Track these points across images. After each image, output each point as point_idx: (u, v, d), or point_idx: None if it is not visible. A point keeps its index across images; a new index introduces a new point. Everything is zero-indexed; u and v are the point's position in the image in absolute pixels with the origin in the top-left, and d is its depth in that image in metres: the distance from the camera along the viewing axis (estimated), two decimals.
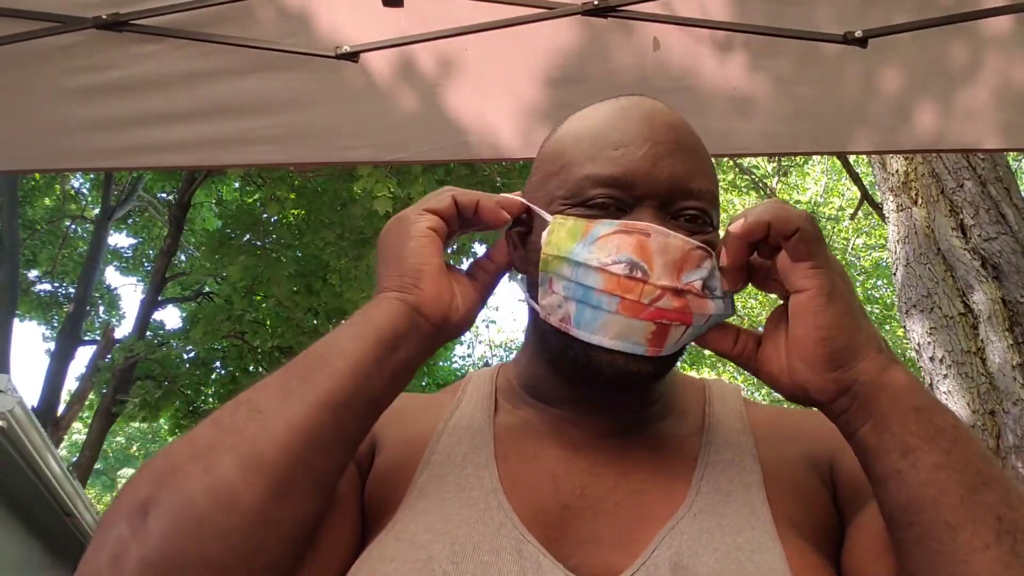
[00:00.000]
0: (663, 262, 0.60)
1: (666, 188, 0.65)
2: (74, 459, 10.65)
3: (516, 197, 0.70)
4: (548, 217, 0.66)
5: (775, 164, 10.99)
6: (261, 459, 0.52)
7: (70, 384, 10.87)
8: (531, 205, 0.69)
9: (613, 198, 0.65)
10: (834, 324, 0.56)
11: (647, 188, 0.64)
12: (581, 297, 0.62)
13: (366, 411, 0.59)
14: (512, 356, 0.81)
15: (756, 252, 0.62)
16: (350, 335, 0.60)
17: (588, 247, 0.62)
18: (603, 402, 0.69)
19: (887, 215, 3.88)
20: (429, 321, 0.62)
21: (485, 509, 0.61)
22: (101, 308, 13.66)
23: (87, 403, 10.42)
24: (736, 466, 0.67)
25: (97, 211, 11.50)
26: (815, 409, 0.62)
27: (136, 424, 11.91)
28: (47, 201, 12.38)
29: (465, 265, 0.71)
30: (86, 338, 10.75)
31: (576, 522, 0.62)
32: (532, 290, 0.68)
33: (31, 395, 10.09)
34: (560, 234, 0.64)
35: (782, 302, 0.62)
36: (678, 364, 0.72)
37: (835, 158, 8.94)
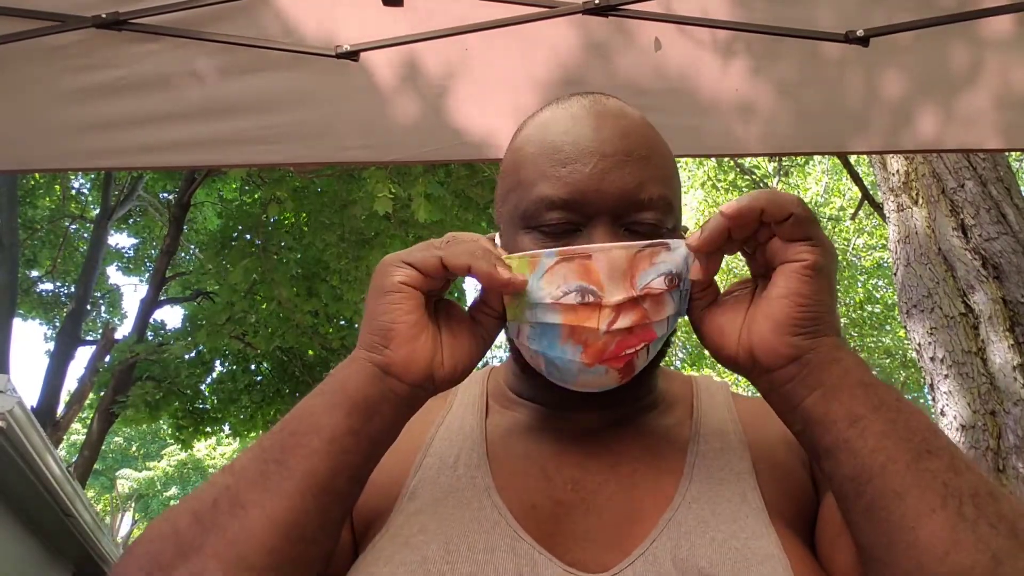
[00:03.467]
0: (612, 278, 0.60)
1: (616, 203, 0.64)
2: (73, 459, 10.64)
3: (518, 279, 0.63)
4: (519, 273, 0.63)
5: (776, 164, 10.99)
6: (246, 562, 0.52)
7: (70, 384, 10.86)
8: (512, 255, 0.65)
9: (567, 221, 0.65)
10: (815, 295, 0.57)
11: (598, 206, 0.64)
12: (547, 350, 0.63)
13: (348, 489, 0.58)
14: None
15: (744, 246, 0.61)
16: (322, 405, 0.58)
17: (539, 283, 0.61)
18: (591, 400, 0.70)
19: (888, 215, 3.88)
20: (404, 382, 0.59)
21: (479, 508, 0.62)
22: (102, 308, 13.66)
23: (87, 403, 10.41)
24: (726, 454, 0.68)
25: (97, 211, 11.49)
26: None
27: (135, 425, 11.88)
28: (47, 201, 12.36)
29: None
30: (86, 338, 10.74)
31: (570, 517, 0.62)
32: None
33: (31, 395, 10.09)
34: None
35: (751, 275, 0.63)
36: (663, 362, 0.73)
37: (836, 158, 8.94)
